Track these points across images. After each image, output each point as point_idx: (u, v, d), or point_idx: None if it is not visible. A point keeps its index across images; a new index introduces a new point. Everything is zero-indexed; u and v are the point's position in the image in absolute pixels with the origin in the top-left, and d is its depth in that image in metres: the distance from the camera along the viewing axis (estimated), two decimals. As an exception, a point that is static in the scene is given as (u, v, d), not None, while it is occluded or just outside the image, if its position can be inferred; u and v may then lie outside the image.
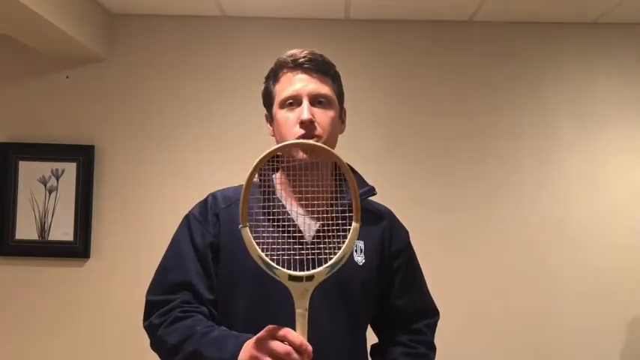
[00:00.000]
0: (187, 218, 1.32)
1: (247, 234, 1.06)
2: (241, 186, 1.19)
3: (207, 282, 1.24)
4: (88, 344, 2.79)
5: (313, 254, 1.12)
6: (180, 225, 1.34)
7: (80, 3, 2.59)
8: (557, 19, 2.86)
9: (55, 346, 2.79)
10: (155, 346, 1.23)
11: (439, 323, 1.51)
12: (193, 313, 1.19)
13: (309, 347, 1.01)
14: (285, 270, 1.06)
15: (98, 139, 2.86)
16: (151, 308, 1.24)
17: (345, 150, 1.56)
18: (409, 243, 1.42)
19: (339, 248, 1.08)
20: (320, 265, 1.08)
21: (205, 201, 1.33)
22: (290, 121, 1.24)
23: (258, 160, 1.08)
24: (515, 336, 2.79)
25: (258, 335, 1.05)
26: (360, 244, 1.29)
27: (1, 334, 2.81)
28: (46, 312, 2.81)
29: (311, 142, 1.16)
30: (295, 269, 1.07)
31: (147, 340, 1.26)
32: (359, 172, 1.35)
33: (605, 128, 2.86)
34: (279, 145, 1.12)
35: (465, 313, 2.77)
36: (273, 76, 1.32)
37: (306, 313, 1.04)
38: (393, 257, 1.36)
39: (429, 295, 1.45)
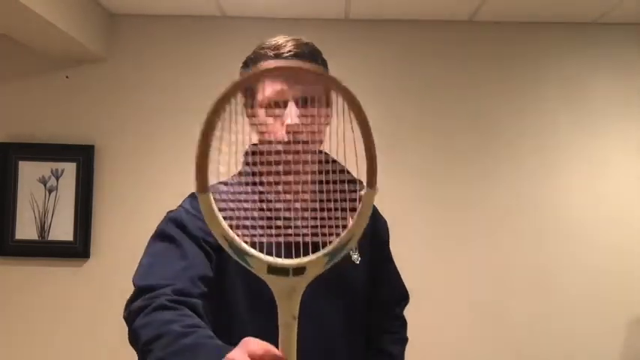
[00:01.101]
0: (185, 215, 1.17)
1: (208, 202, 0.76)
2: (232, 178, 1.15)
3: (209, 276, 1.11)
4: (87, 344, 2.79)
5: (305, 234, 0.86)
6: (166, 221, 1.19)
7: (80, 3, 2.59)
8: (557, 19, 2.86)
9: (55, 346, 2.79)
10: (130, 339, 1.03)
11: (439, 323, 1.51)
12: (181, 306, 1.00)
13: None
14: (263, 257, 0.75)
15: (98, 139, 2.86)
16: (139, 293, 1.06)
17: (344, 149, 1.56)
18: (388, 234, 1.40)
19: (343, 227, 0.79)
20: (314, 251, 0.77)
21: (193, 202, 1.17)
22: (274, 125, 1.10)
23: (219, 96, 0.80)
24: (515, 336, 2.79)
25: (230, 354, 0.78)
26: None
27: (1, 334, 2.81)
28: (45, 312, 2.81)
29: (291, 64, 0.91)
30: (279, 257, 0.77)
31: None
32: (356, 171, 1.24)
33: (606, 128, 2.86)
34: (247, 75, 0.85)
35: (464, 313, 2.77)
36: (252, 66, 1.14)
37: (295, 322, 0.74)
38: (379, 249, 1.34)
39: (401, 279, 1.44)
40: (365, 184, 0.82)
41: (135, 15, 2.89)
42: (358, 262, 1.25)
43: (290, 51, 1.13)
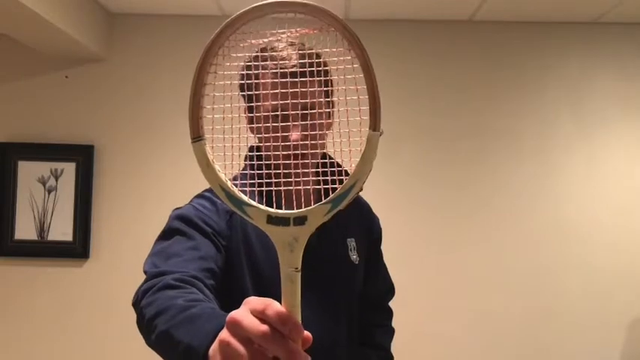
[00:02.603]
0: (195, 210, 1.16)
1: (202, 150, 0.77)
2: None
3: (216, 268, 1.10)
4: (87, 344, 2.78)
5: (305, 182, 0.87)
6: (173, 218, 1.17)
7: (80, 3, 2.58)
8: (557, 19, 2.86)
9: (55, 346, 2.79)
10: (138, 321, 1.02)
11: (439, 323, 1.54)
12: (187, 285, 0.98)
13: (298, 323, 0.68)
14: (262, 207, 0.72)
15: (97, 139, 2.86)
16: (148, 280, 1.07)
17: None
18: (381, 232, 1.43)
19: (345, 174, 0.77)
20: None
21: (208, 197, 1.18)
22: (276, 136, 1.03)
23: (215, 34, 0.77)
24: (515, 336, 2.79)
25: (232, 312, 0.70)
26: (353, 241, 1.28)
27: (1, 334, 2.81)
28: (45, 312, 2.80)
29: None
30: (279, 207, 0.74)
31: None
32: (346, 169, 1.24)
33: (606, 127, 2.86)
34: (248, 8, 0.80)
35: (464, 313, 2.77)
36: (256, 73, 1.12)
37: (298, 275, 0.71)
38: (373, 247, 1.38)
39: (388, 274, 1.46)
40: (368, 126, 0.77)
41: (135, 15, 2.89)
42: (357, 263, 1.27)
43: (294, 65, 1.11)
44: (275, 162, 1.11)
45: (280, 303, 0.70)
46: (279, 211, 0.72)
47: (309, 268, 0.88)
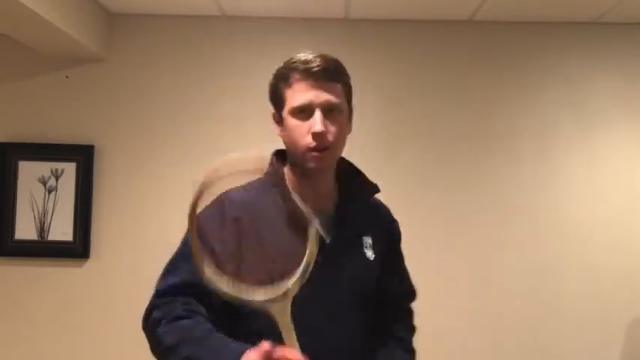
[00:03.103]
0: (203, 219, 1.25)
1: (209, 277, 1.05)
2: (252, 183, 1.32)
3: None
4: (87, 344, 2.79)
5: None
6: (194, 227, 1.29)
7: (80, 3, 2.59)
8: (557, 19, 2.86)
9: (55, 346, 2.79)
10: (153, 344, 1.20)
11: (439, 323, 1.57)
12: (196, 314, 1.18)
13: None
14: (259, 297, 1.04)
15: (98, 139, 2.86)
16: (155, 300, 1.23)
17: (345, 150, 1.56)
18: (400, 234, 1.49)
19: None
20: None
21: (218, 205, 1.28)
22: (302, 130, 1.24)
23: (190, 210, 1.05)
24: (515, 336, 2.79)
25: (247, 354, 1.04)
26: (369, 239, 1.35)
27: (1, 334, 2.81)
28: (45, 312, 2.80)
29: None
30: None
31: (146, 340, 1.25)
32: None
33: (606, 128, 2.86)
34: (200, 186, 1.04)
35: (464, 313, 2.77)
36: (284, 78, 1.28)
37: (292, 325, 1.03)
38: (391, 247, 1.44)
39: (410, 277, 1.52)
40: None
41: (135, 15, 2.89)
42: (372, 259, 1.34)
43: (318, 65, 1.24)
44: (300, 159, 1.26)
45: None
46: (269, 296, 1.03)
47: (325, 262, 1.17)
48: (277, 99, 1.31)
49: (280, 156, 1.34)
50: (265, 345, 1.01)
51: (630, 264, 2.81)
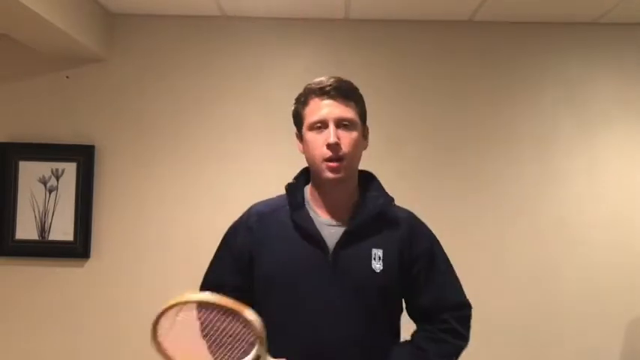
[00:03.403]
0: (227, 231, 1.53)
1: None
2: (279, 197, 1.49)
3: (239, 283, 1.44)
4: (87, 344, 2.79)
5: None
6: (222, 237, 1.54)
7: (80, 3, 2.59)
8: (557, 19, 2.86)
9: (55, 346, 2.79)
10: None
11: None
12: None
13: None
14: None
15: (98, 139, 2.86)
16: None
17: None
18: (431, 246, 1.51)
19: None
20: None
21: (242, 216, 1.52)
22: (318, 142, 1.38)
23: (157, 315, 1.22)
24: (515, 335, 2.79)
25: None
26: (379, 252, 1.41)
27: (1, 334, 2.81)
28: (46, 312, 2.81)
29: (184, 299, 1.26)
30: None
31: (146, 339, 1.24)
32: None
33: (606, 128, 2.86)
34: (174, 301, 1.23)
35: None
36: (302, 101, 1.43)
37: None
38: (413, 261, 1.45)
39: (456, 290, 1.56)
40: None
41: (135, 15, 2.89)
42: (378, 271, 1.40)
43: (331, 85, 1.39)
44: (317, 170, 1.40)
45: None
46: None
47: (334, 269, 1.36)
48: (298, 119, 1.45)
49: (305, 174, 1.50)
50: None
51: (631, 264, 2.81)
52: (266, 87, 2.85)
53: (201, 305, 1.27)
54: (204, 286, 1.46)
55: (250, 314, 1.21)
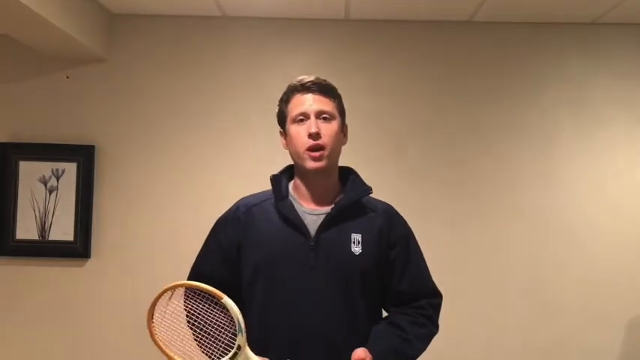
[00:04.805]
0: (216, 223, 1.60)
1: None
2: (265, 191, 1.56)
3: (226, 273, 1.52)
4: (87, 344, 2.79)
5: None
6: (211, 229, 1.61)
7: (80, 3, 2.59)
8: (557, 19, 2.86)
9: (55, 346, 2.79)
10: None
11: (439, 321, 1.58)
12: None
13: None
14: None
15: (98, 139, 2.86)
16: None
17: (345, 150, 1.57)
18: (407, 234, 1.59)
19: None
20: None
21: (230, 209, 1.60)
22: (301, 134, 1.48)
23: (150, 306, 1.34)
24: (515, 335, 2.79)
25: None
26: (358, 236, 1.49)
27: (2, 334, 2.81)
28: (46, 312, 2.81)
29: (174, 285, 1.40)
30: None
31: (146, 339, 1.25)
32: (358, 172, 1.58)
33: (606, 128, 2.87)
34: (166, 287, 1.38)
35: (465, 311, 2.77)
36: (285, 99, 1.54)
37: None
38: (390, 247, 1.54)
39: (430, 279, 1.63)
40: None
41: (135, 15, 2.89)
42: (357, 254, 1.48)
43: (312, 81, 1.50)
44: (301, 161, 1.48)
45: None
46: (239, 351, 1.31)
47: (318, 251, 1.45)
48: (281, 117, 1.55)
49: (289, 170, 1.58)
50: None
51: (631, 263, 2.81)
52: (266, 87, 2.85)
53: (188, 289, 1.38)
54: (192, 277, 1.55)
55: (228, 300, 1.30)
